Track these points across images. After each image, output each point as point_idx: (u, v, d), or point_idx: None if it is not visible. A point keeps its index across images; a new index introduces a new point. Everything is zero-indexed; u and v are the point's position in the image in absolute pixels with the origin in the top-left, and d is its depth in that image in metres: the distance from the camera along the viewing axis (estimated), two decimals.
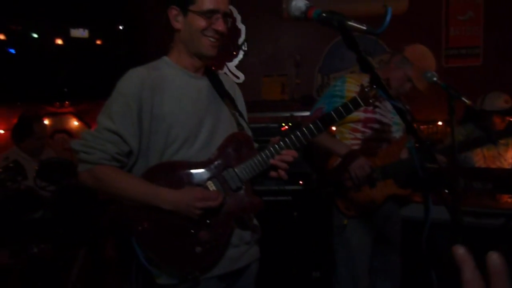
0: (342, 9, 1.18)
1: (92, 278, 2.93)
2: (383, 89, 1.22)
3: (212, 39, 1.52)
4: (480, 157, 3.00)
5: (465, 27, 4.16)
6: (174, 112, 1.50)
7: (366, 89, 1.62)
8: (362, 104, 1.61)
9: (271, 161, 1.54)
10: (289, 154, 1.54)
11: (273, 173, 1.60)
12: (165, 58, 1.62)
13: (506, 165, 3.01)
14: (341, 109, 1.58)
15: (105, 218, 2.69)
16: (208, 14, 1.49)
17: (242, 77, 4.42)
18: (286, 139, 1.55)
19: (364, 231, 2.31)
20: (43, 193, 2.83)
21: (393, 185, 2.28)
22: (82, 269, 2.85)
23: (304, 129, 1.55)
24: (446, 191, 2.34)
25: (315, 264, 3.26)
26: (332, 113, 1.58)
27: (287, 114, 3.52)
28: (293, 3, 1.21)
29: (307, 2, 1.20)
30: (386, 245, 2.40)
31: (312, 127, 1.55)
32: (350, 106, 1.59)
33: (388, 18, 0.98)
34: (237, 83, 4.54)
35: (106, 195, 1.50)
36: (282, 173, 1.57)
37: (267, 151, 1.55)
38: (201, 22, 1.50)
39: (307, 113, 3.61)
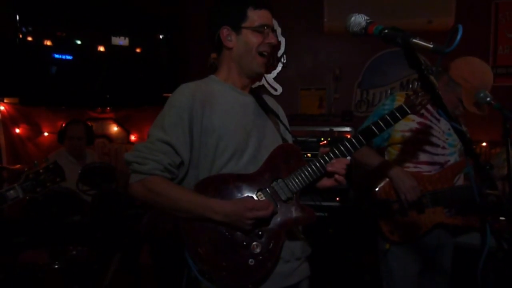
0: (385, 23, 1.15)
1: (126, 284, 2.95)
2: (444, 110, 1.17)
3: (265, 53, 1.59)
4: None
5: None
6: (223, 125, 1.52)
7: (411, 97, 1.62)
8: (408, 111, 1.60)
9: (328, 167, 1.52)
10: (343, 162, 1.54)
11: (327, 182, 1.59)
12: (213, 76, 1.67)
13: None
14: (388, 118, 1.58)
15: (142, 225, 2.71)
16: (261, 29, 1.56)
17: (280, 89, 4.41)
18: (335, 149, 1.55)
19: (409, 260, 2.18)
20: (84, 196, 2.90)
21: (442, 213, 2.15)
22: (116, 274, 2.87)
23: (352, 138, 1.56)
24: (503, 218, 2.24)
25: (349, 283, 3.17)
26: (379, 121, 1.57)
27: (327, 129, 3.48)
28: (353, 18, 1.18)
29: (367, 18, 1.17)
30: (436, 275, 2.27)
31: (361, 137, 1.55)
32: (397, 114, 1.59)
33: (459, 36, 0.94)
34: (275, 96, 4.55)
35: (157, 208, 1.51)
36: (340, 177, 1.55)
37: (316, 162, 1.55)
38: (256, 37, 1.56)
39: (346, 129, 3.58)
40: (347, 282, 3.18)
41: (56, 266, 2.52)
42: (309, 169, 1.54)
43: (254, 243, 1.46)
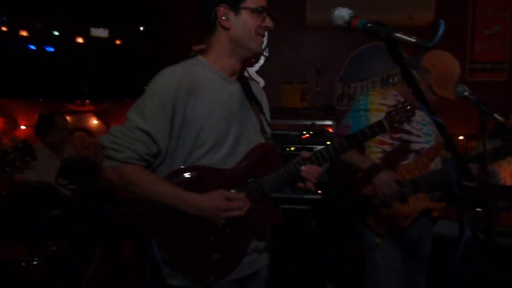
0: (366, 18, 1.15)
1: (108, 278, 2.92)
2: (424, 103, 1.19)
3: (261, 37, 1.55)
4: (507, 173, 2.93)
5: (491, 42, 4.10)
6: (206, 116, 1.49)
7: (392, 113, 1.71)
8: (387, 127, 1.69)
9: (303, 173, 1.56)
10: (315, 170, 1.58)
11: (300, 184, 1.61)
12: (201, 58, 1.58)
13: None
14: (367, 131, 1.67)
15: (123, 219, 2.68)
16: (260, 10, 1.51)
17: (262, 82, 4.40)
18: (312, 156, 1.58)
19: (393, 250, 2.22)
20: (64, 191, 2.84)
21: (425, 199, 2.19)
22: (98, 269, 2.84)
23: (330, 147, 1.60)
24: (479, 209, 2.29)
25: (331, 275, 3.22)
26: (358, 134, 1.66)
27: (309, 122, 3.49)
28: (336, 12, 1.18)
29: (351, 11, 1.17)
30: (413, 264, 2.32)
31: (338, 147, 1.60)
32: (376, 128, 1.68)
33: (440, 31, 0.96)
34: None
35: (130, 194, 1.49)
36: (310, 185, 1.59)
37: (291, 166, 1.57)
38: (255, 20, 1.51)
39: (328, 122, 3.60)
40: (329, 274, 3.22)
41: (34, 263, 2.48)
42: (284, 173, 1.56)
43: (221, 239, 1.47)
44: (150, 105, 1.44)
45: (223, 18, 1.50)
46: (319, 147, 3.31)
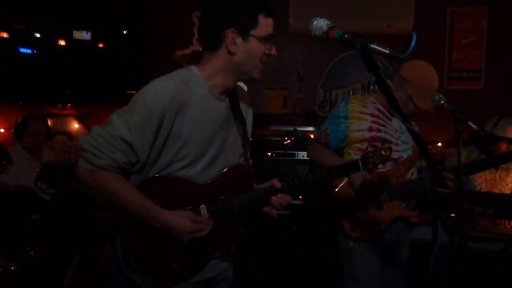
0: (344, 26, 1.19)
1: (86, 284, 2.89)
2: (399, 112, 1.23)
3: (263, 64, 1.56)
4: (482, 180, 3.01)
5: (468, 51, 4.22)
6: (191, 133, 1.50)
7: (369, 155, 1.77)
8: (361, 168, 1.74)
9: (272, 200, 1.62)
10: (285, 199, 1.63)
11: (266, 208, 1.67)
12: (195, 70, 1.56)
13: (506, 189, 3.03)
14: (340, 169, 1.72)
15: (103, 224, 2.66)
16: (267, 39, 1.51)
17: (245, 88, 4.41)
18: (284, 185, 1.63)
19: (370, 255, 2.26)
20: (43, 195, 2.81)
21: (400, 207, 2.25)
22: (77, 274, 2.81)
23: (303, 179, 1.64)
24: (453, 215, 2.36)
25: (312, 280, 3.25)
26: (333, 170, 1.70)
27: (290, 128, 3.54)
28: (315, 22, 1.22)
29: (329, 22, 1.21)
30: (391, 269, 2.36)
31: (311, 180, 1.66)
32: (350, 167, 1.75)
33: (413, 43, 1.00)
34: None
35: (101, 197, 1.53)
36: (274, 213, 1.65)
37: (263, 191, 1.62)
38: (262, 48, 1.51)
39: (310, 128, 3.66)
40: (309, 278, 3.25)
41: (12, 268, 2.44)
42: (255, 196, 1.61)
43: (184, 249, 1.52)
44: (137, 118, 1.42)
45: (231, 42, 1.48)
46: (301, 153, 3.36)
